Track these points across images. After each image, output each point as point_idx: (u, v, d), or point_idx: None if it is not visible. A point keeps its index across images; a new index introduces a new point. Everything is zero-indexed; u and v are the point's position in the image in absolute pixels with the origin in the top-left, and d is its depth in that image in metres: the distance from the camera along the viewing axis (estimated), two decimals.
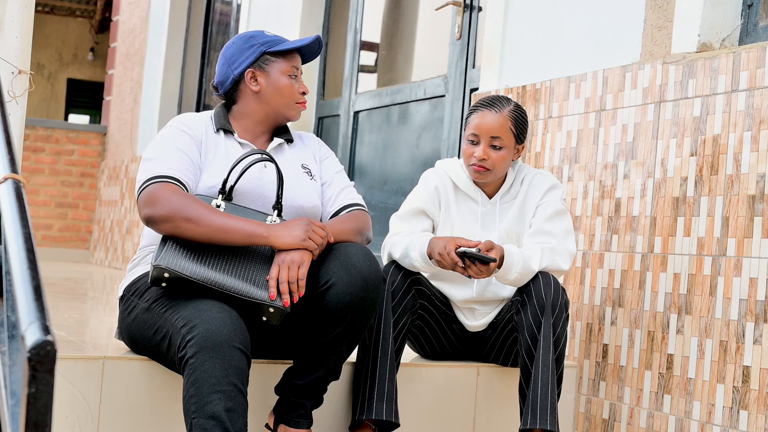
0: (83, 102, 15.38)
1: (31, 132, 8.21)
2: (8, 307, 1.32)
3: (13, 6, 2.80)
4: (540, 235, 2.79)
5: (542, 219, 2.81)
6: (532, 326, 2.64)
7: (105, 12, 13.04)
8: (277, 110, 2.61)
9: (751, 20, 2.95)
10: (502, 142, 2.79)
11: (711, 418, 2.72)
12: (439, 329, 2.92)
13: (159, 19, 7.74)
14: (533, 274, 2.70)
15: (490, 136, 2.78)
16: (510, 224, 2.86)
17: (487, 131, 2.79)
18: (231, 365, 2.14)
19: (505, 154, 2.80)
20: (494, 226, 2.85)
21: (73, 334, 2.98)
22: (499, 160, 2.79)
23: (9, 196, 1.45)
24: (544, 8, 3.62)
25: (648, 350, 2.95)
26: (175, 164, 2.44)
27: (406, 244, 2.72)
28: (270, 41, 2.61)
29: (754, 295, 2.62)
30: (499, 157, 2.79)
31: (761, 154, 2.65)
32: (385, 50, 5.28)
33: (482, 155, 2.78)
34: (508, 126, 2.80)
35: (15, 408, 1.18)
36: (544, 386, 2.61)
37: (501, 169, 2.82)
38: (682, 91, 2.93)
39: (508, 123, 2.80)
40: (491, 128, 2.79)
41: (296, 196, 2.55)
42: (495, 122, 2.79)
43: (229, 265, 2.35)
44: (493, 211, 2.87)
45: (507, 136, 2.79)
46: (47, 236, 8.31)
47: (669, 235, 2.91)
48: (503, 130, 2.79)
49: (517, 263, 2.67)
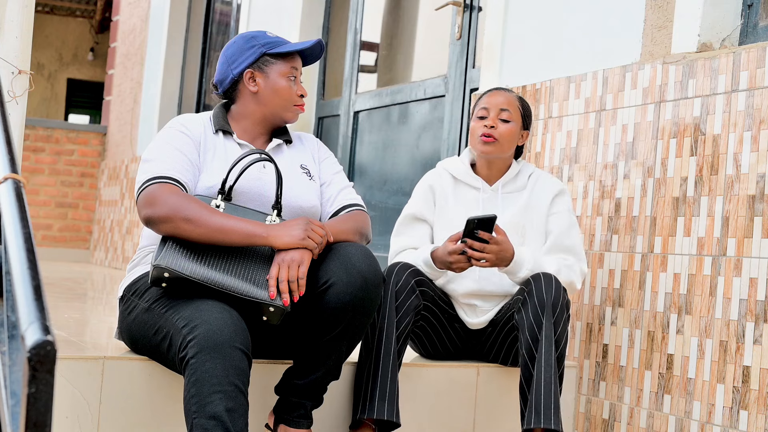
0: (83, 102, 15.38)
1: (31, 132, 8.21)
2: (8, 307, 1.32)
3: (13, 6, 2.80)
4: (559, 252, 2.86)
5: (559, 232, 2.87)
6: (533, 325, 2.64)
7: (105, 12, 13.04)
8: (274, 112, 2.61)
9: (751, 20, 2.95)
10: (510, 116, 2.90)
11: (711, 418, 2.72)
12: (441, 328, 2.92)
13: (159, 19, 7.74)
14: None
15: (500, 109, 2.90)
16: (516, 217, 2.87)
17: (497, 104, 2.91)
18: (232, 365, 2.14)
19: (512, 128, 2.89)
20: (497, 213, 2.86)
21: (73, 334, 2.98)
22: (507, 133, 2.88)
23: (9, 196, 1.45)
24: (544, 8, 3.62)
25: (648, 350, 2.95)
26: (174, 165, 2.44)
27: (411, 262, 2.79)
28: (271, 42, 2.61)
29: (754, 295, 2.62)
30: (507, 130, 2.88)
31: (761, 154, 2.65)
32: (385, 50, 5.28)
33: (491, 123, 2.87)
34: (516, 104, 2.93)
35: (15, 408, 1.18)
36: (546, 385, 2.60)
37: (507, 143, 2.89)
38: (682, 91, 2.93)
39: (516, 102, 2.94)
40: (500, 102, 2.91)
41: (295, 196, 2.55)
42: (504, 98, 2.93)
43: (229, 264, 2.35)
44: (494, 198, 2.91)
45: (515, 112, 2.91)
46: (47, 236, 8.30)
47: (669, 235, 2.91)
48: (512, 106, 2.92)
49: (529, 261, 2.74)
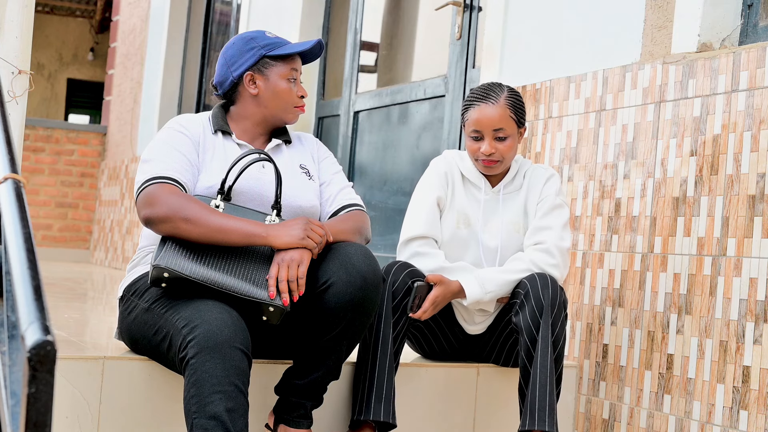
0: (83, 102, 15.38)
1: (31, 132, 8.21)
2: (8, 307, 1.32)
3: (13, 6, 2.80)
4: (537, 232, 2.82)
5: (540, 215, 2.84)
6: (531, 327, 2.64)
7: (105, 12, 13.05)
8: (275, 113, 2.61)
9: (751, 20, 2.95)
10: (505, 132, 2.78)
11: (711, 418, 2.72)
12: (440, 331, 2.92)
13: (159, 19, 7.74)
14: (515, 282, 2.75)
15: (493, 129, 2.76)
16: (515, 217, 2.87)
17: (489, 125, 2.76)
18: (232, 365, 2.14)
19: (510, 143, 2.80)
20: (496, 215, 2.86)
21: (73, 334, 2.98)
22: (507, 150, 2.80)
23: (9, 196, 1.45)
24: (544, 8, 3.62)
25: (648, 350, 2.95)
26: (174, 165, 2.44)
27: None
28: (270, 44, 2.60)
29: (754, 295, 2.62)
30: (506, 147, 2.79)
31: (761, 154, 2.65)
32: (385, 50, 5.28)
33: (489, 150, 2.77)
34: (508, 114, 2.77)
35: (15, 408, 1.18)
36: (542, 387, 2.61)
37: (510, 157, 2.83)
38: (682, 91, 2.93)
39: (507, 112, 2.78)
40: (492, 121, 2.76)
41: (295, 196, 2.55)
42: (495, 114, 2.76)
43: (228, 264, 2.35)
44: (495, 200, 2.88)
45: (509, 125, 2.78)
46: (47, 236, 8.30)
47: (669, 235, 2.91)
48: (504, 121, 2.77)
49: (482, 286, 2.73)
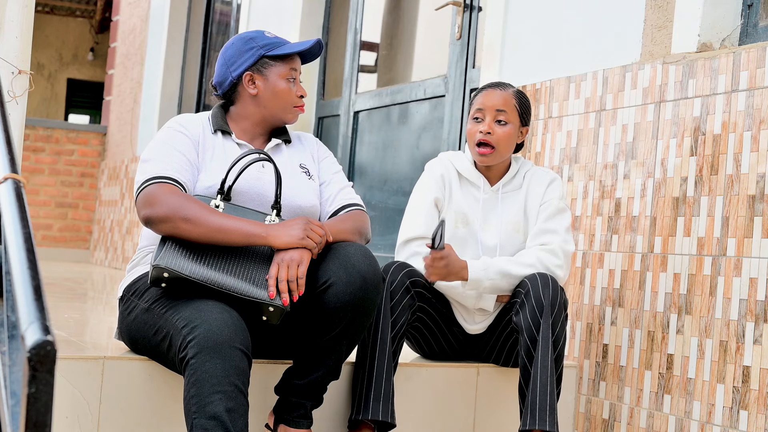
0: (83, 102, 15.38)
1: (31, 132, 8.21)
2: (8, 307, 1.32)
3: (13, 6, 2.80)
4: (542, 235, 2.81)
5: (544, 218, 2.83)
6: (531, 327, 2.64)
7: (105, 12, 13.05)
8: (275, 113, 2.61)
9: (751, 20, 2.95)
10: (507, 117, 2.79)
11: (711, 418, 2.72)
12: (439, 331, 2.92)
13: (159, 19, 7.74)
14: (518, 278, 2.73)
15: (496, 110, 2.79)
16: (514, 217, 2.86)
17: (492, 106, 2.80)
18: (232, 366, 2.14)
19: (510, 130, 2.80)
20: (495, 214, 2.85)
21: (73, 334, 2.98)
22: (504, 137, 2.79)
23: (9, 196, 1.45)
24: (544, 8, 3.62)
25: (648, 350, 2.95)
26: (173, 165, 2.44)
27: None
28: (269, 44, 2.60)
29: (754, 295, 2.62)
30: (504, 134, 2.79)
31: (761, 154, 2.65)
32: (385, 50, 5.28)
33: (487, 129, 2.78)
34: (513, 103, 2.82)
35: (15, 408, 1.18)
36: (543, 387, 2.61)
37: (505, 147, 2.81)
38: (682, 91, 2.93)
39: (513, 100, 2.82)
40: (496, 103, 2.80)
41: (294, 195, 2.55)
42: (500, 97, 2.81)
43: (228, 264, 2.35)
44: (495, 199, 2.87)
45: (512, 113, 2.80)
46: (47, 236, 8.30)
47: (669, 235, 2.91)
48: (508, 106, 2.80)
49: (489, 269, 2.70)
